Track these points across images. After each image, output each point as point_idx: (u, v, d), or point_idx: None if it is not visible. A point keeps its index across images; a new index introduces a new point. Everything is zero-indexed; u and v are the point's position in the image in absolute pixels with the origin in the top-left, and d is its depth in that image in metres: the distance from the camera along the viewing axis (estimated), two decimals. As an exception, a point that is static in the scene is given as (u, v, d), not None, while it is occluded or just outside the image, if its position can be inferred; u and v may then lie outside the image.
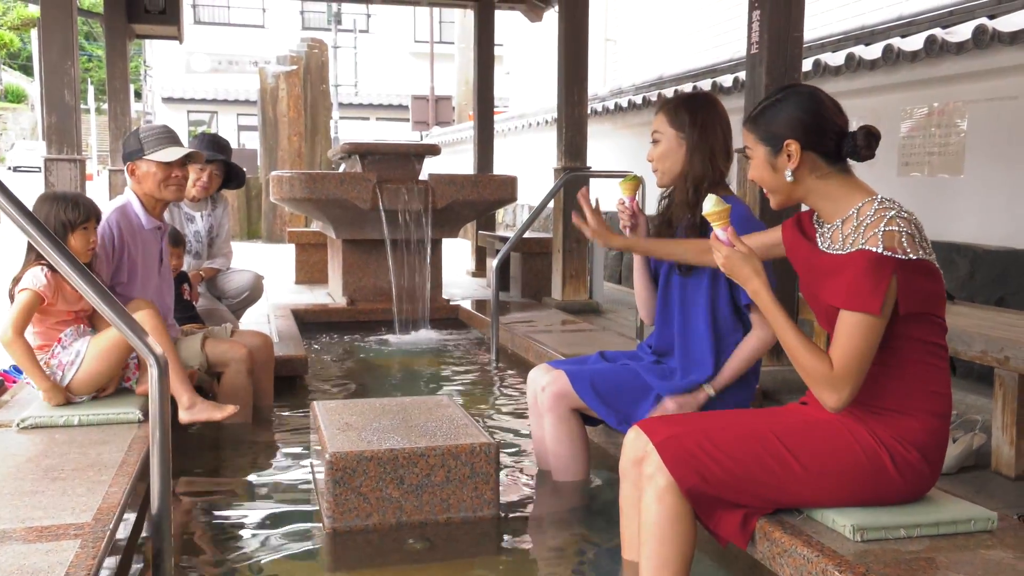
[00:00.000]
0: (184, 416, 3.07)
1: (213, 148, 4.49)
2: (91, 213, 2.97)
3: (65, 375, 2.90)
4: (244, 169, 4.76)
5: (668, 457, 1.92)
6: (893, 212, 1.83)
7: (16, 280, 2.90)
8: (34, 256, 2.89)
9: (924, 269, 1.83)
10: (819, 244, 1.99)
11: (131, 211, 3.31)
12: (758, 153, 1.99)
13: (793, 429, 1.96)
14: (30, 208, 2.14)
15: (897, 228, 1.80)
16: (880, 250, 1.79)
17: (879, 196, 1.90)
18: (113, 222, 3.23)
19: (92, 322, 3.07)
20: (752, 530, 1.97)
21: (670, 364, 2.70)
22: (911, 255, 1.80)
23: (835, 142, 1.93)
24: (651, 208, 2.77)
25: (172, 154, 3.26)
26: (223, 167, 4.53)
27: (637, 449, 2.05)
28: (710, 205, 1.98)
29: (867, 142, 1.91)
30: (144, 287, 3.32)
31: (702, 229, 2.55)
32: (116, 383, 3.06)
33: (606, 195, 3.66)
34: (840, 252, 1.89)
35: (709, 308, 2.59)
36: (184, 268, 4.14)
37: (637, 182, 2.69)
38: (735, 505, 1.95)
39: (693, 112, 2.59)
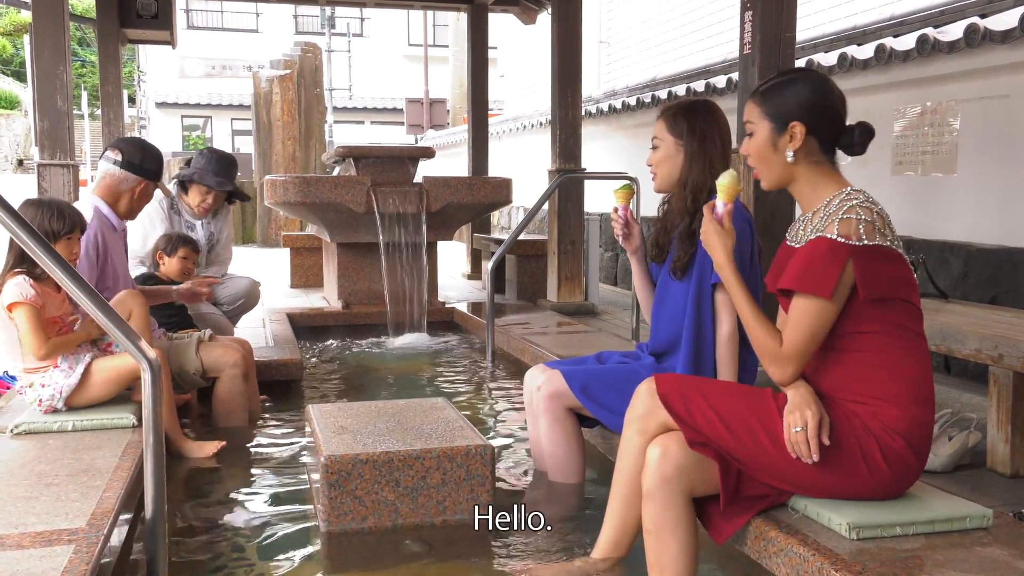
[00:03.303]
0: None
1: (221, 168, 4.50)
2: (76, 224, 2.92)
3: (62, 397, 2.88)
4: (248, 196, 4.80)
5: (668, 394, 1.97)
6: (855, 202, 1.88)
7: None
8: (11, 264, 2.83)
9: (884, 255, 1.86)
10: (789, 242, 2.06)
11: (103, 214, 3.34)
12: (761, 128, 2.01)
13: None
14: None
15: (855, 216, 1.85)
16: (835, 237, 1.84)
17: (848, 188, 1.94)
18: (96, 228, 3.23)
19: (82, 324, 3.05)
20: (736, 528, 1.97)
21: (670, 363, 2.70)
22: (867, 242, 1.84)
23: (835, 132, 1.98)
24: (651, 211, 2.78)
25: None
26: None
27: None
28: (726, 180, 2.02)
29: (862, 139, 1.97)
30: (125, 287, 3.35)
31: (697, 237, 2.56)
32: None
33: (601, 197, 3.67)
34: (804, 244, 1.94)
35: (709, 313, 2.58)
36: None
37: (630, 191, 2.74)
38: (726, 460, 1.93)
39: (692, 120, 2.60)
